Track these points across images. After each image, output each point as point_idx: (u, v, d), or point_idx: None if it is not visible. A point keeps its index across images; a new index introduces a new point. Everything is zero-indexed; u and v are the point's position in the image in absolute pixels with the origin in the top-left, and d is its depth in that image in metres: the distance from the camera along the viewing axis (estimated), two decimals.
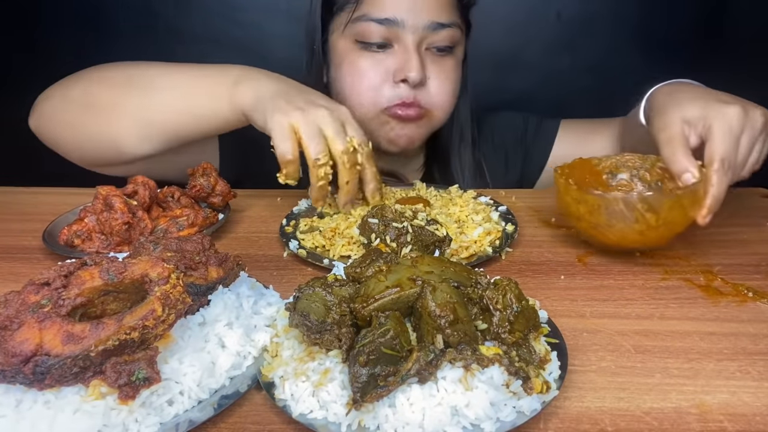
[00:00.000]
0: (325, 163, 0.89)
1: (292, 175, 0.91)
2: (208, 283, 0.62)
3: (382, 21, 1.08)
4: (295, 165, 0.90)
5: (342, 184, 0.93)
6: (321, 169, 0.90)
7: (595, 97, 1.76)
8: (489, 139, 1.40)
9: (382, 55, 1.11)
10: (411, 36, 1.09)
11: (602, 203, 0.79)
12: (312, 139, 0.88)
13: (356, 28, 1.10)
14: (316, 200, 0.95)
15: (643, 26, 1.78)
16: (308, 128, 0.89)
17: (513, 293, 0.59)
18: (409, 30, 1.08)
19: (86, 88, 1.04)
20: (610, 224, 0.80)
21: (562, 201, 0.86)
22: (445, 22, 1.10)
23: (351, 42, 1.12)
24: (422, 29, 1.09)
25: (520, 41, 1.48)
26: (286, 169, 0.90)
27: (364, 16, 1.09)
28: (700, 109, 0.83)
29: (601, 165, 0.95)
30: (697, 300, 0.76)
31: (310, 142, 0.88)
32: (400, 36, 1.09)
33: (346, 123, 0.94)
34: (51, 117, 1.06)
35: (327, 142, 0.90)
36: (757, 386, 0.59)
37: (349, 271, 0.66)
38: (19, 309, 0.53)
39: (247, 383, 0.58)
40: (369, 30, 1.09)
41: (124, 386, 0.50)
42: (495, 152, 1.40)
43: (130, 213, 0.89)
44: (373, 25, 1.08)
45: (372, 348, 0.51)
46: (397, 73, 1.10)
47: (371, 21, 1.08)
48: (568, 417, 0.55)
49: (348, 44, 1.13)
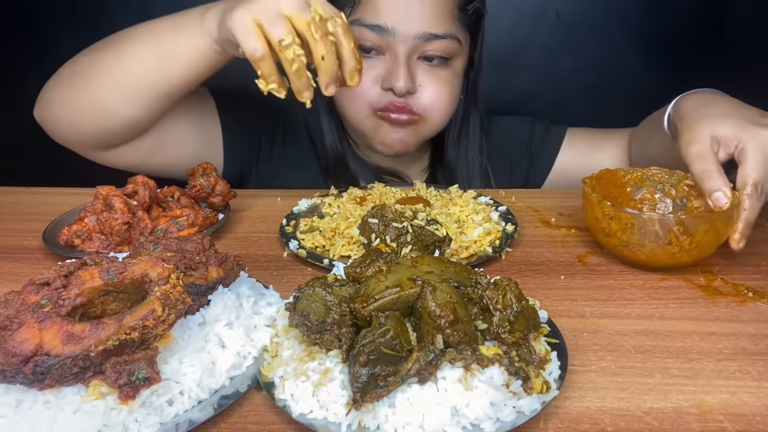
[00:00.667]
0: (291, 41, 0.80)
1: (268, 74, 0.82)
2: (208, 283, 0.62)
3: (373, 27, 1.07)
4: (268, 61, 0.81)
5: (317, 61, 0.82)
6: (288, 50, 0.80)
7: (595, 97, 1.77)
8: (495, 143, 1.39)
9: (375, 60, 1.11)
10: (402, 45, 1.08)
11: (636, 222, 0.78)
12: (273, 23, 0.80)
13: None
14: (299, 91, 0.84)
15: (643, 26, 1.78)
16: (267, 14, 0.80)
17: (513, 293, 0.59)
18: (399, 39, 1.07)
19: (72, 62, 1.04)
20: (642, 244, 0.79)
21: (591, 215, 0.85)
22: (439, 33, 1.09)
23: None
24: (413, 39, 1.08)
25: (520, 41, 1.48)
26: (261, 69, 0.82)
27: (357, 21, 1.08)
28: (733, 128, 0.80)
29: (627, 177, 0.94)
30: (697, 300, 0.76)
31: (270, 26, 0.80)
32: (391, 44, 1.08)
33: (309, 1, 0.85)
34: (47, 100, 1.04)
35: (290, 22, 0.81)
36: (757, 386, 0.59)
37: (349, 271, 0.66)
38: (19, 309, 0.53)
39: (247, 383, 0.58)
40: (361, 35, 1.08)
41: (124, 386, 0.50)
42: (501, 157, 1.39)
43: (130, 213, 0.89)
44: (365, 30, 1.08)
45: (372, 348, 0.51)
46: (384, 81, 1.10)
47: (363, 26, 1.08)
48: (568, 417, 0.55)
49: None
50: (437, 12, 1.09)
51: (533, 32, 1.72)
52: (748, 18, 1.77)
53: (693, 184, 0.89)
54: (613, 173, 0.94)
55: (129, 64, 0.97)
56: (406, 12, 1.07)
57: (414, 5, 1.07)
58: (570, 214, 1.05)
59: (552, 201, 1.12)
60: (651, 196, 0.93)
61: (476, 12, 1.17)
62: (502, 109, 1.48)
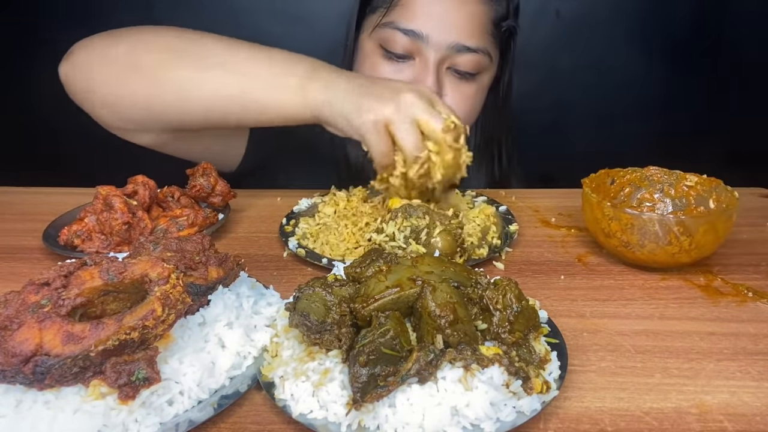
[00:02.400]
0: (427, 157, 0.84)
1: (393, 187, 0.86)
2: (208, 283, 0.62)
3: (407, 32, 1.05)
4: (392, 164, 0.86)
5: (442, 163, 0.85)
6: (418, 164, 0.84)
7: (594, 96, 1.77)
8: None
9: (403, 65, 1.09)
10: (433, 53, 1.06)
11: (636, 223, 0.78)
12: (407, 133, 0.83)
13: (382, 34, 1.09)
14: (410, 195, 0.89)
15: (644, 25, 1.78)
16: (400, 120, 0.83)
17: (513, 293, 0.59)
18: (432, 46, 1.05)
19: (133, 47, 0.98)
20: (642, 244, 0.79)
21: (591, 215, 0.85)
22: (472, 46, 1.07)
23: (376, 45, 1.11)
24: (446, 48, 1.06)
25: (520, 40, 1.48)
26: (386, 174, 0.86)
27: (391, 23, 1.07)
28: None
29: (626, 177, 0.94)
30: (697, 300, 0.76)
31: (405, 136, 0.83)
32: (422, 50, 1.06)
33: (433, 100, 0.89)
34: (88, 70, 0.99)
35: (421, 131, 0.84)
36: (757, 386, 0.59)
37: (349, 271, 0.66)
38: (19, 309, 0.53)
39: (247, 383, 0.58)
40: (394, 38, 1.07)
41: (124, 386, 0.50)
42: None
43: (130, 213, 0.89)
44: (398, 34, 1.06)
45: (372, 348, 0.51)
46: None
47: (397, 30, 1.06)
48: (568, 417, 0.55)
49: (373, 47, 1.12)
50: (472, 24, 1.07)
51: (533, 31, 1.72)
52: (748, 18, 1.77)
53: (692, 185, 0.90)
54: (613, 173, 0.94)
55: (207, 95, 0.94)
56: (441, 20, 1.05)
57: (451, 14, 1.06)
58: (570, 214, 1.05)
59: (552, 201, 1.12)
60: (650, 196, 0.93)
61: (509, 30, 1.15)
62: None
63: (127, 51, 0.97)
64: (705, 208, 0.87)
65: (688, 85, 1.99)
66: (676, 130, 1.95)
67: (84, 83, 1.00)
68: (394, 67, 1.09)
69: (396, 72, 1.09)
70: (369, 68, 1.12)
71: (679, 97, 1.94)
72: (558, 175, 1.41)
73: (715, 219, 0.77)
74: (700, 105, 1.96)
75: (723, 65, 1.78)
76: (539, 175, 1.52)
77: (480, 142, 1.29)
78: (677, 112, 1.97)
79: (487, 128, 1.27)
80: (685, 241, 0.77)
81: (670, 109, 1.97)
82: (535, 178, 1.44)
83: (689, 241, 0.77)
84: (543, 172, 1.57)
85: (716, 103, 1.94)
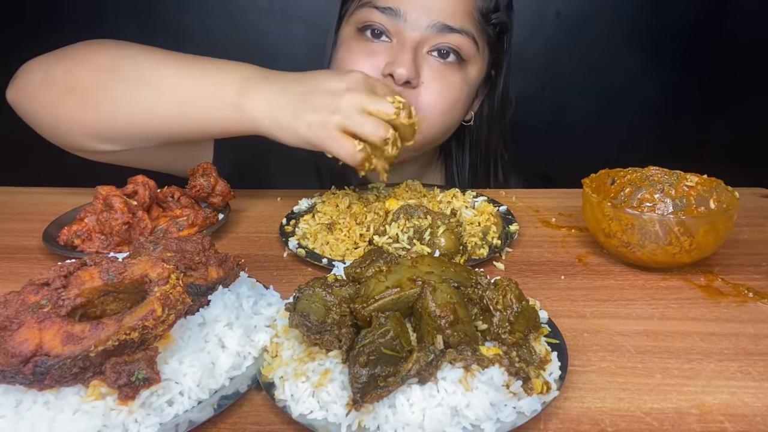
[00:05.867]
0: (395, 136, 0.86)
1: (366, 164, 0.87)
2: (208, 283, 0.62)
3: (384, 9, 1.03)
4: (368, 158, 0.87)
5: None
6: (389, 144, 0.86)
7: (595, 97, 1.77)
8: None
9: (378, 46, 1.05)
10: (411, 33, 1.02)
11: (636, 223, 0.78)
12: (362, 126, 0.83)
13: (359, 15, 1.06)
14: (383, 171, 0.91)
15: (644, 26, 1.78)
16: (352, 119, 0.83)
17: (513, 293, 0.59)
18: (410, 26, 1.02)
19: (69, 68, 0.96)
20: (642, 244, 0.79)
21: (592, 215, 0.84)
22: (455, 26, 1.03)
23: (353, 30, 1.08)
24: (425, 28, 1.02)
25: (521, 41, 1.48)
26: (364, 169, 0.87)
27: (369, 2, 1.05)
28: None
29: (626, 177, 0.94)
30: (697, 300, 0.76)
31: (361, 129, 0.83)
32: (400, 30, 1.03)
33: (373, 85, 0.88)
34: (31, 94, 0.98)
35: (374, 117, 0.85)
36: (757, 387, 0.59)
37: (349, 271, 0.66)
38: (18, 309, 0.53)
39: (247, 383, 0.58)
40: (370, 16, 1.04)
41: (124, 386, 0.50)
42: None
43: (130, 213, 0.89)
44: (375, 12, 1.03)
45: (372, 348, 0.51)
46: (386, 67, 1.02)
47: (374, 8, 1.04)
48: (568, 417, 0.55)
49: (350, 30, 1.09)
50: (455, 5, 1.04)
51: (533, 32, 1.72)
52: (748, 18, 1.77)
53: (693, 185, 0.89)
54: (613, 173, 0.94)
55: (140, 111, 0.93)
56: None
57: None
58: (570, 214, 1.05)
59: (552, 201, 1.11)
60: (651, 197, 0.93)
61: (500, 25, 1.12)
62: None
63: (64, 72, 0.97)
64: (705, 208, 0.87)
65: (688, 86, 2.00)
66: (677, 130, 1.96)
67: (28, 108, 1.00)
68: (368, 49, 1.06)
69: (370, 53, 1.05)
70: (344, 51, 1.09)
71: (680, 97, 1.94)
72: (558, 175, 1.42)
73: (716, 219, 0.77)
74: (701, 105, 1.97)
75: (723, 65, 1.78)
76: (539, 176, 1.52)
77: (476, 159, 1.26)
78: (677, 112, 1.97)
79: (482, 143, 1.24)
80: (686, 242, 0.77)
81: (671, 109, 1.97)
82: (535, 179, 1.44)
83: (690, 242, 0.77)
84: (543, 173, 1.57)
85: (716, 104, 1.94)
